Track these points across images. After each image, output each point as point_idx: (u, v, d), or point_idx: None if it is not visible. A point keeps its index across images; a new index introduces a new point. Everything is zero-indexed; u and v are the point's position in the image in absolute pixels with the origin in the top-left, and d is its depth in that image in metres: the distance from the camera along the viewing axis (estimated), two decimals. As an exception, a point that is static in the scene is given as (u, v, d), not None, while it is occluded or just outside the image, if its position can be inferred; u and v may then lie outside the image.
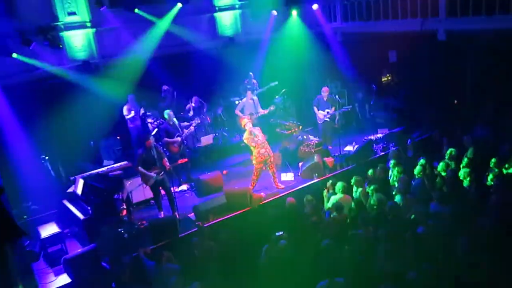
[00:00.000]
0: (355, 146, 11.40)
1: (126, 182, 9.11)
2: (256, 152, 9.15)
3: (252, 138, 9.08)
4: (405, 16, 12.30)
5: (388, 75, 14.52)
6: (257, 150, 9.13)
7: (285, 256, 6.19)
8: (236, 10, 13.73)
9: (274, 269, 6.06)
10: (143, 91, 11.60)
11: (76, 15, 11.17)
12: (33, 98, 10.22)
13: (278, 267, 6.07)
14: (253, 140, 9.08)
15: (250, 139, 9.10)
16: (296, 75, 13.45)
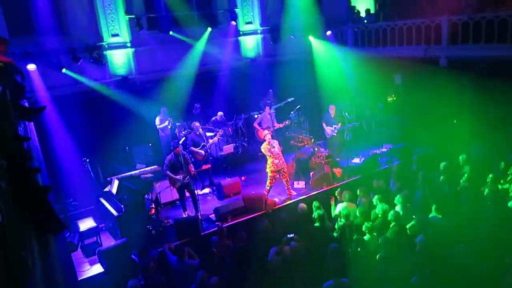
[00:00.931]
0: (361, 159, 11.24)
1: (155, 184, 9.17)
2: (271, 161, 9.10)
3: (269, 149, 9.04)
4: (410, 43, 12.17)
5: (393, 96, 14.34)
6: (272, 159, 9.07)
7: (295, 257, 6.10)
8: (258, 35, 13.81)
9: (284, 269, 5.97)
10: (174, 104, 11.69)
11: (119, 36, 11.39)
12: (79, 107, 10.40)
13: (287, 267, 5.98)
14: (269, 150, 9.04)
15: (267, 149, 9.06)
16: (310, 93, 13.39)
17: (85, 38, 10.73)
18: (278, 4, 13.93)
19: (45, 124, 9.66)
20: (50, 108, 9.67)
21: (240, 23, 13.32)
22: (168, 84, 11.75)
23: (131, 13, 11.36)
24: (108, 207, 8.54)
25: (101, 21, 11.03)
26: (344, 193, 7.79)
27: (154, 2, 12.07)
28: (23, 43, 9.64)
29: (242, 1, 13.28)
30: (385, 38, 12.95)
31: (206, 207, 9.23)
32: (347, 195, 7.68)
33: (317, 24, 14.06)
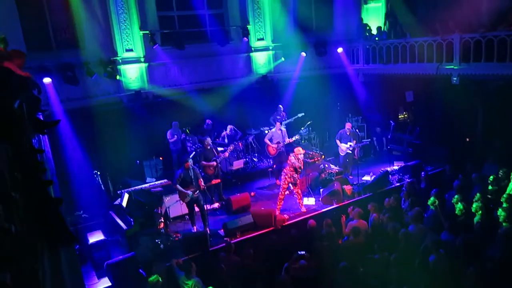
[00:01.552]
0: (372, 176, 11.15)
1: (165, 198, 9.19)
2: (288, 170, 9.07)
3: (295, 162, 9.09)
4: (422, 60, 12.17)
5: (405, 113, 14.30)
6: (290, 169, 9.05)
7: (304, 275, 6.02)
8: (269, 51, 13.93)
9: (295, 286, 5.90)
10: (185, 118, 11.79)
11: (133, 51, 11.59)
12: (91, 121, 10.55)
13: (296, 285, 5.90)
14: (294, 163, 9.06)
15: (293, 160, 9.11)
16: (320, 109, 13.42)
17: (100, 52, 10.94)
18: (289, 21, 14.09)
19: (58, 136, 9.80)
20: (64, 120, 9.82)
21: (252, 39, 13.48)
22: (180, 98, 11.87)
23: (145, 29, 11.59)
24: (118, 221, 8.57)
25: (116, 36, 11.26)
26: (355, 210, 7.72)
27: (168, 19, 12.31)
28: (40, 57, 9.88)
29: (254, 18, 13.46)
30: (396, 56, 12.98)
31: (215, 222, 9.20)
32: (358, 212, 7.61)
33: (328, 41, 14.17)
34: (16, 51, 4.52)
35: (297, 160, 9.22)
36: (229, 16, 13.21)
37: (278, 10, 13.72)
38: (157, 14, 11.98)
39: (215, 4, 13.01)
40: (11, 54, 4.28)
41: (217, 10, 13.11)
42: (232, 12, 13.20)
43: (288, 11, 13.97)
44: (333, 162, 11.83)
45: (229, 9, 13.17)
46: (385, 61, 13.38)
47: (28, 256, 2.20)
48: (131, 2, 11.27)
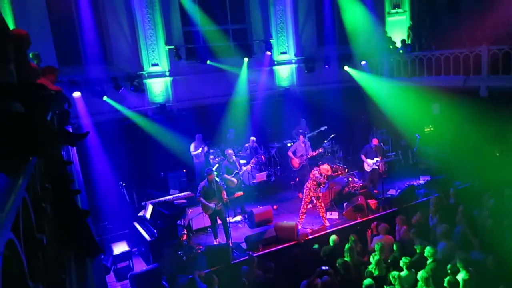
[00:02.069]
0: (397, 191, 10.90)
1: (188, 210, 9.25)
2: (311, 184, 9.02)
3: (319, 177, 9.09)
4: (448, 73, 11.95)
5: (431, 126, 13.98)
6: (313, 184, 9.04)
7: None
8: (292, 65, 14.00)
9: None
10: (208, 131, 11.92)
11: (158, 65, 11.88)
12: (118, 133, 10.80)
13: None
14: (318, 178, 9.06)
15: (317, 175, 9.10)
16: (344, 122, 13.31)
17: (127, 67, 11.26)
18: (312, 34, 14.15)
19: (86, 148, 10.06)
20: (91, 133, 10.08)
21: (274, 53, 13.58)
22: (204, 111, 12.02)
23: (170, 44, 11.87)
24: (142, 232, 8.66)
25: (142, 51, 11.58)
26: (381, 226, 7.55)
27: (193, 34, 12.58)
28: (70, 72, 10.24)
29: (277, 32, 13.59)
30: (421, 68, 12.79)
31: (237, 235, 9.17)
32: (384, 228, 7.44)
33: (352, 54, 14.13)
34: (49, 67, 4.72)
35: (322, 176, 9.15)
36: (252, 31, 13.40)
37: (301, 23, 13.82)
38: (182, 29, 12.27)
39: (238, 19, 13.23)
40: (45, 70, 4.46)
41: (241, 25, 13.32)
42: (255, 27, 13.39)
43: (311, 24, 14.05)
44: (357, 176, 11.65)
45: (252, 24, 13.36)
46: (409, 74, 13.19)
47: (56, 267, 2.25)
48: (157, 18, 11.59)
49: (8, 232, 1.11)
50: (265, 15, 13.37)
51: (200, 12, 12.39)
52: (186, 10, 12.16)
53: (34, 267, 1.51)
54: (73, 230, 3.05)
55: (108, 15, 11.11)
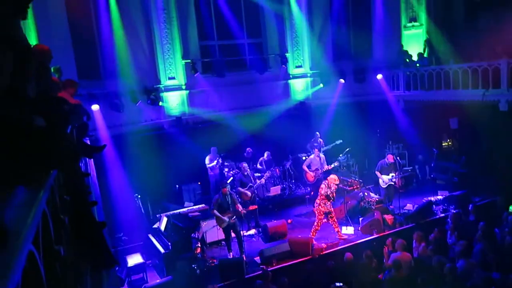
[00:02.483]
0: (414, 206, 10.70)
1: (202, 223, 9.27)
2: (320, 199, 9.00)
3: (327, 190, 9.02)
4: (466, 87, 11.78)
5: (449, 140, 13.77)
6: (322, 198, 9.00)
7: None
8: (308, 78, 14.04)
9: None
10: (223, 144, 11.97)
11: (175, 79, 12.07)
12: (134, 145, 10.94)
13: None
14: (326, 191, 9.00)
15: (325, 189, 9.03)
16: (359, 136, 13.21)
17: (144, 81, 11.47)
18: (328, 48, 14.19)
19: (103, 159, 10.22)
20: (108, 145, 10.24)
21: (290, 66, 13.66)
22: (219, 124, 12.12)
23: (187, 58, 12.07)
24: (156, 244, 8.70)
25: (159, 65, 11.80)
26: (398, 242, 7.41)
27: (209, 48, 12.78)
28: (89, 86, 10.47)
29: (293, 46, 13.68)
30: (439, 82, 12.66)
31: (251, 249, 9.13)
32: (402, 244, 7.30)
33: (367, 68, 14.10)
34: (69, 80, 4.85)
35: (329, 188, 9.07)
36: (268, 45, 13.52)
37: (317, 37, 13.89)
38: (199, 43, 12.48)
39: (254, 33, 13.39)
40: (65, 83, 4.59)
41: (257, 39, 13.47)
42: (271, 41, 13.52)
43: (327, 38, 14.12)
44: (373, 190, 11.50)
45: (268, 38, 13.49)
46: (426, 88, 13.07)
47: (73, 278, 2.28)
48: (175, 33, 11.83)
49: (29, 244, 1.14)
50: (280, 29, 13.50)
51: (217, 26, 12.59)
52: (203, 24, 12.39)
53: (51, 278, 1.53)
54: (90, 241, 3.10)
55: (127, 31, 11.38)
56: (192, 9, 12.22)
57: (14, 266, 0.93)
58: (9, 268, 0.90)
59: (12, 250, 0.95)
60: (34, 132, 1.55)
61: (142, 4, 11.33)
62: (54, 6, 10.01)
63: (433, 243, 7.58)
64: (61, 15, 10.25)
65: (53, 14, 9.86)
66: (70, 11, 10.50)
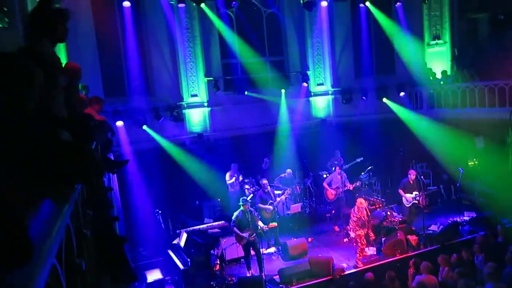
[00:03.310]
0: (439, 227, 10.37)
1: (222, 240, 9.23)
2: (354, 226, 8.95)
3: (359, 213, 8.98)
4: (492, 105, 11.50)
5: (475, 159, 13.37)
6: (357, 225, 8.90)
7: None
8: (329, 96, 14.01)
9: None
10: (244, 160, 12.00)
11: (197, 96, 12.27)
12: (156, 161, 11.10)
13: None
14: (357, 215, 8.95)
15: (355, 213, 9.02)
16: (382, 154, 13.02)
17: (167, 98, 11.70)
18: (350, 65, 14.18)
19: (125, 174, 10.38)
20: (131, 160, 10.42)
21: (311, 84, 13.68)
22: (240, 141, 12.18)
23: (210, 76, 12.28)
24: (175, 260, 8.71)
25: (182, 83, 12.04)
26: (424, 264, 7.16)
27: (231, 66, 12.97)
28: (114, 102, 10.76)
29: (314, 64, 13.74)
30: (464, 100, 12.41)
31: (271, 267, 9.00)
32: (427, 267, 7.05)
33: (390, 86, 13.98)
34: (96, 97, 5.00)
35: (358, 212, 8.96)
36: (289, 62, 13.63)
37: (338, 55, 13.92)
38: (221, 61, 12.69)
39: (276, 51, 13.52)
40: (92, 100, 4.73)
41: (278, 57, 13.59)
42: (293, 59, 13.62)
43: (348, 56, 14.12)
44: (396, 210, 11.22)
45: (289, 56, 13.61)
46: (451, 106, 12.83)
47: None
48: (198, 51, 12.08)
49: (52, 258, 1.16)
50: (302, 47, 13.60)
51: (239, 44, 12.80)
52: (225, 43, 12.61)
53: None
54: (110, 256, 3.13)
55: (152, 49, 11.71)
56: (215, 29, 12.48)
57: (38, 279, 0.94)
58: (32, 281, 0.91)
59: (36, 263, 0.97)
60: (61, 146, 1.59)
61: (167, 23, 11.64)
62: (84, 24, 10.39)
63: (459, 266, 7.29)
64: (90, 34, 10.63)
65: (83, 32, 10.23)
66: (98, 30, 10.90)
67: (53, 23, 2.49)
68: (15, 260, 0.88)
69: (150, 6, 11.50)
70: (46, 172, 1.36)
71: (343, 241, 10.30)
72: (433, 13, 14.09)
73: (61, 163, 1.46)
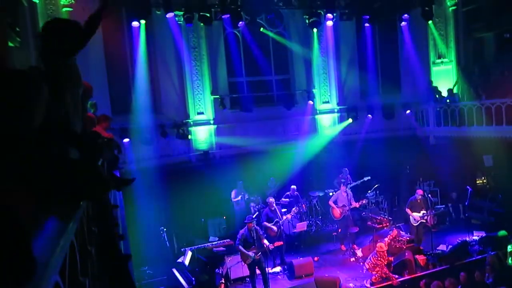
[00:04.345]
0: (448, 246, 10.20)
1: (227, 258, 9.14)
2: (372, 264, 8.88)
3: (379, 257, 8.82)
4: (500, 123, 11.43)
5: (483, 178, 13.22)
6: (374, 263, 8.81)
7: None
8: (335, 114, 14.03)
9: None
10: (250, 178, 11.97)
11: (204, 114, 12.35)
12: (162, 178, 11.08)
13: None
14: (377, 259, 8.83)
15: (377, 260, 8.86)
16: (389, 172, 12.92)
17: (174, 115, 11.80)
18: (355, 83, 14.25)
19: (131, 192, 10.36)
20: (138, 178, 10.41)
21: (317, 102, 13.74)
22: (246, 159, 12.18)
23: (216, 94, 12.39)
24: (180, 279, 8.62)
25: (189, 100, 12.15)
26: (434, 284, 7.02)
27: (237, 84, 13.09)
28: (122, 120, 10.84)
29: (320, 82, 13.83)
30: (471, 118, 12.36)
31: (276, 287, 8.86)
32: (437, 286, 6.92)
33: (396, 103, 13.99)
34: (104, 115, 5.06)
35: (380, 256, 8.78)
36: (295, 81, 13.72)
37: (344, 73, 14.01)
38: (228, 80, 12.82)
39: (282, 70, 13.65)
40: (100, 118, 4.78)
41: (284, 76, 13.70)
42: (298, 77, 13.73)
43: (354, 74, 14.21)
44: (403, 229, 11.07)
45: (295, 74, 13.72)
46: (458, 124, 12.78)
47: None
48: (205, 70, 12.24)
49: (56, 275, 1.16)
50: (308, 65, 13.71)
51: (245, 63, 12.94)
52: (232, 62, 12.76)
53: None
54: (114, 274, 3.10)
55: (160, 68, 11.88)
56: (222, 48, 12.66)
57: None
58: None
59: (39, 280, 0.97)
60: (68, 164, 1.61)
61: (174, 42, 11.82)
62: (93, 43, 10.54)
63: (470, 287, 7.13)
64: (99, 52, 10.80)
65: (91, 50, 10.40)
66: (107, 49, 11.10)
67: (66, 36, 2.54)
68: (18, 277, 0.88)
69: (158, 25, 11.72)
70: (52, 188, 1.37)
71: (350, 260, 10.16)
72: (439, 32, 14.17)
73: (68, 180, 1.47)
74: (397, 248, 9.88)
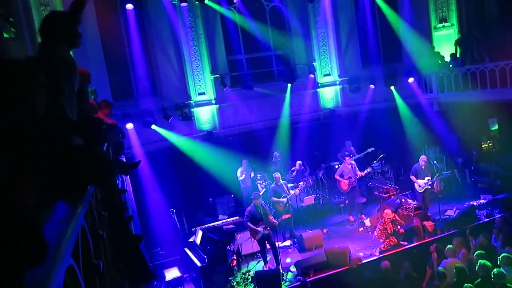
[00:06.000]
0: (456, 211, 10.27)
1: (237, 235, 9.28)
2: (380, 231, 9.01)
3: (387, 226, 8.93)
4: (504, 85, 11.28)
5: (489, 142, 13.17)
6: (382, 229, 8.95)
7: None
8: (337, 86, 13.91)
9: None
10: (255, 155, 12.01)
11: (205, 94, 12.30)
12: (168, 161, 11.17)
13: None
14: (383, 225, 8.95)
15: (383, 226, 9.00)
16: (393, 142, 12.90)
17: (175, 98, 11.75)
18: (356, 54, 14.05)
19: (138, 176, 10.48)
20: (143, 162, 10.51)
21: (318, 75, 13.60)
22: (250, 137, 12.19)
23: (216, 73, 12.29)
24: (192, 258, 8.78)
25: (189, 82, 12.07)
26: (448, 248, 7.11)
27: (237, 62, 12.96)
28: (123, 105, 10.84)
29: (320, 55, 13.65)
30: (474, 82, 12.20)
31: (287, 260, 9.03)
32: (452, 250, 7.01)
33: (398, 72, 13.82)
34: (105, 101, 5.06)
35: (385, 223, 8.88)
36: (294, 55, 13.54)
37: (344, 44, 13.79)
38: (227, 58, 12.68)
39: (281, 45, 13.43)
40: (101, 104, 4.78)
41: (283, 50, 13.51)
42: (298, 51, 13.53)
43: (354, 44, 13.99)
44: (410, 197, 11.13)
45: (294, 48, 13.52)
46: (461, 89, 12.64)
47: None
48: (203, 49, 12.10)
49: (69, 258, 1.19)
50: (307, 39, 13.50)
51: (243, 41, 12.77)
52: (230, 40, 12.60)
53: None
54: (128, 256, 3.17)
55: (157, 50, 11.75)
56: (219, 26, 12.47)
57: (55, 278, 0.97)
58: (50, 280, 0.94)
59: (53, 263, 1.00)
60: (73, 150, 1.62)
61: (170, 23, 11.65)
62: (89, 29, 10.44)
63: (477, 249, 7.22)
64: (95, 38, 10.68)
65: (88, 37, 10.29)
66: (103, 34, 10.97)
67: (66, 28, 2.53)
68: (30, 260, 0.90)
69: (152, 7, 11.52)
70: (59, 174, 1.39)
71: (359, 230, 10.29)
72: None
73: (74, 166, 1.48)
74: (404, 216, 9.96)
